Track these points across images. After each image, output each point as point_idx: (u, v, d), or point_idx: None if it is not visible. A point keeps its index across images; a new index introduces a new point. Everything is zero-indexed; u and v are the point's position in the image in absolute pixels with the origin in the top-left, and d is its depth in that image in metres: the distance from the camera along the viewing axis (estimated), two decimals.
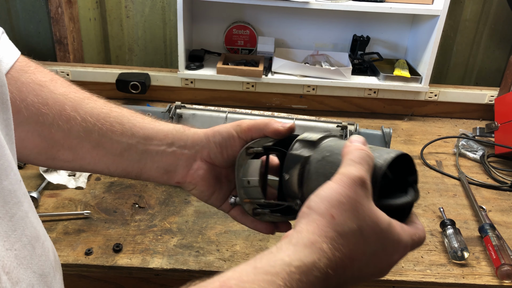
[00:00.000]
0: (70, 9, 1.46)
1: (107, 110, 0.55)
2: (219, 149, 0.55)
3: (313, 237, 0.37)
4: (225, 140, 0.54)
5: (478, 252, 0.85)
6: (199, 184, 0.57)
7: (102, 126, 0.53)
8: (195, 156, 0.56)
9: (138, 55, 1.64)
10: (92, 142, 0.53)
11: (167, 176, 0.57)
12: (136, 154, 0.55)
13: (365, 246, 0.38)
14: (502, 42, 1.59)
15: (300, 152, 0.50)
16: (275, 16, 1.48)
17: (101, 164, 0.55)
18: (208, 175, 0.56)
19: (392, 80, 1.39)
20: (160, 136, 0.55)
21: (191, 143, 0.56)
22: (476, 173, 1.13)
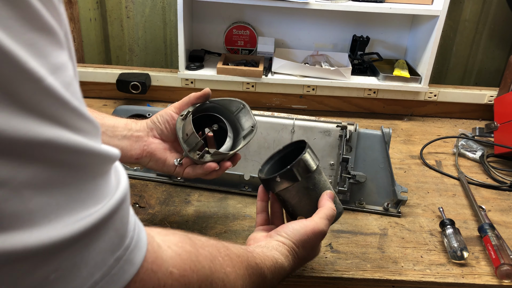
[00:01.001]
0: (70, 9, 1.46)
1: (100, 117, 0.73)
2: (162, 126, 0.76)
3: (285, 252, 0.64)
4: (165, 118, 0.76)
5: (477, 251, 0.85)
6: (152, 155, 0.75)
7: None
8: (147, 135, 0.76)
9: (139, 55, 1.64)
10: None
11: (128, 155, 0.74)
12: (106, 140, 0.71)
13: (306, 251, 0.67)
14: (501, 42, 1.60)
15: (297, 173, 0.68)
16: (275, 16, 1.48)
17: None
18: (158, 146, 0.76)
19: (392, 80, 1.39)
20: (122, 125, 0.74)
21: (143, 127, 0.76)
22: (475, 173, 1.14)
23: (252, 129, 0.78)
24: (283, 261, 0.62)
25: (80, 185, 0.32)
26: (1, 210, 0.27)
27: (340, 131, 0.97)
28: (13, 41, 0.27)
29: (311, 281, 0.78)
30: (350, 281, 0.78)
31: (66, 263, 0.31)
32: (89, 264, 0.32)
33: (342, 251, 0.83)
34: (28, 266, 0.29)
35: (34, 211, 0.29)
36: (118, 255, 0.35)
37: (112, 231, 0.34)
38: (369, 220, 0.93)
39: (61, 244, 0.30)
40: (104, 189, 0.34)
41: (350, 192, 0.96)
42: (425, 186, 1.06)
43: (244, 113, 0.79)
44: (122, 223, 0.36)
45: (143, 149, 0.75)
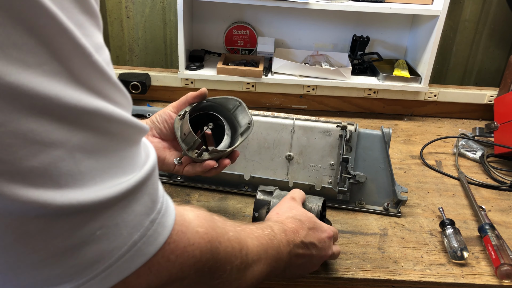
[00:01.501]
0: None
1: None
2: (161, 125, 0.78)
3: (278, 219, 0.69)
4: (163, 117, 0.78)
5: (477, 252, 0.85)
6: None
7: None
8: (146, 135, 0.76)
9: (139, 55, 1.64)
10: None
11: None
12: None
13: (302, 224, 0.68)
14: (501, 42, 1.60)
15: (264, 198, 0.80)
16: (275, 16, 1.48)
17: None
18: (157, 145, 0.78)
19: (392, 80, 1.39)
20: None
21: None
22: (475, 173, 1.14)
23: (249, 125, 0.79)
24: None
25: (120, 153, 0.36)
26: (58, 169, 0.31)
27: (340, 131, 0.97)
28: (68, 20, 0.30)
29: (311, 281, 0.78)
30: (350, 281, 0.78)
31: (109, 222, 0.35)
32: (128, 225, 0.36)
33: (342, 251, 0.83)
34: (79, 220, 0.33)
35: (84, 172, 0.33)
36: (152, 217, 0.39)
37: (146, 195, 0.38)
38: (369, 220, 0.93)
39: (106, 203, 0.34)
40: (137, 158, 0.38)
41: (350, 192, 0.96)
42: (425, 186, 1.06)
43: (240, 110, 0.80)
44: (154, 189, 0.40)
45: None
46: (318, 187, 0.94)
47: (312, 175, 0.97)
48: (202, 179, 0.99)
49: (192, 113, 0.78)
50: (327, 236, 0.71)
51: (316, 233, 0.69)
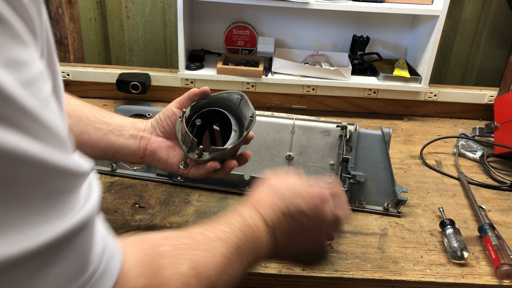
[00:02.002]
0: (70, 9, 1.46)
1: (88, 107, 0.74)
2: (164, 123, 0.75)
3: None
4: (166, 115, 0.75)
5: (477, 252, 0.85)
6: (155, 153, 0.74)
7: (88, 116, 0.71)
8: (150, 134, 0.75)
9: (139, 55, 1.64)
10: (80, 129, 0.70)
11: (133, 153, 0.74)
12: (114, 136, 0.72)
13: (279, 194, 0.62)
14: (501, 42, 1.60)
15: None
16: (275, 16, 1.48)
17: (85, 147, 0.70)
18: (161, 145, 0.75)
19: (392, 80, 1.39)
20: (129, 125, 0.75)
21: (148, 126, 0.76)
22: (475, 173, 1.14)
23: (251, 119, 0.73)
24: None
25: (29, 203, 0.28)
26: None
27: (340, 131, 0.97)
28: None
29: (311, 281, 0.78)
30: (350, 281, 0.78)
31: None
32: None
33: (342, 251, 0.83)
34: None
35: None
36: (80, 283, 0.31)
37: (71, 256, 0.31)
38: (369, 220, 0.93)
39: (4, 265, 0.26)
40: (64, 207, 0.30)
41: (350, 192, 0.96)
42: (425, 186, 1.06)
43: (244, 104, 0.76)
44: (85, 248, 0.32)
45: (146, 148, 0.74)
46: None
47: (312, 175, 0.97)
48: (202, 179, 0.99)
49: (195, 111, 0.76)
50: (319, 200, 0.61)
51: (302, 200, 0.60)
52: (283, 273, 0.77)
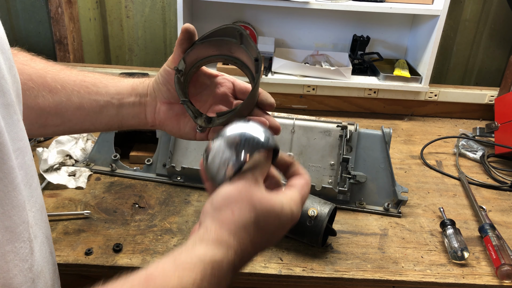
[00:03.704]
0: (70, 9, 1.46)
1: (81, 77, 0.64)
2: (165, 88, 0.61)
3: (220, 234, 0.43)
4: (164, 78, 0.61)
5: (478, 252, 0.85)
6: (165, 123, 0.63)
7: (80, 90, 0.62)
8: (155, 100, 0.63)
9: (138, 55, 1.64)
10: (74, 105, 0.62)
11: (142, 122, 0.64)
12: (113, 109, 0.63)
13: (264, 232, 0.45)
14: (502, 42, 1.60)
15: None
16: (275, 16, 1.48)
17: (86, 122, 0.63)
18: (168, 114, 0.62)
19: (392, 80, 1.39)
20: (129, 90, 0.63)
21: (150, 90, 0.63)
22: (476, 173, 1.13)
23: (257, 62, 0.54)
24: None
25: None
26: None
27: (340, 131, 0.97)
28: None
29: (311, 281, 0.78)
30: (350, 282, 0.78)
31: None
32: None
33: (342, 251, 0.83)
34: None
35: None
36: None
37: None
38: (370, 220, 0.93)
39: None
40: None
41: (351, 192, 0.96)
42: (426, 186, 1.06)
43: (246, 42, 0.56)
44: None
45: (155, 117, 0.63)
46: (318, 187, 0.94)
47: (312, 175, 0.97)
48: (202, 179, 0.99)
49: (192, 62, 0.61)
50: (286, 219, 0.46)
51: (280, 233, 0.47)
52: (283, 274, 0.77)
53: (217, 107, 0.62)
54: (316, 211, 0.80)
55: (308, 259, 0.80)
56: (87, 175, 1.00)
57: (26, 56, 0.64)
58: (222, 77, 0.63)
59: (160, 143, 1.01)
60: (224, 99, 0.62)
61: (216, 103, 0.63)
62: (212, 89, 0.63)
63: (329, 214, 0.81)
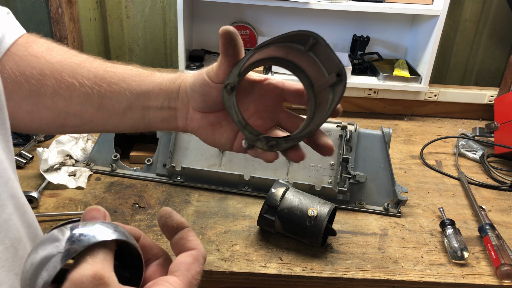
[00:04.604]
0: (70, 9, 1.46)
1: (102, 72, 0.55)
2: (200, 98, 0.52)
3: None
4: (202, 88, 0.51)
5: (478, 252, 0.85)
6: (198, 131, 0.55)
7: (100, 89, 0.54)
8: (187, 106, 0.54)
9: (138, 55, 1.64)
10: (94, 105, 0.54)
11: (172, 126, 0.56)
12: (138, 112, 0.54)
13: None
14: (501, 42, 1.60)
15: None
16: (275, 16, 1.48)
17: (109, 124, 0.56)
18: (202, 123, 0.54)
19: (392, 80, 1.39)
20: (156, 91, 0.54)
21: (182, 94, 0.54)
22: (475, 173, 1.14)
23: (339, 77, 0.47)
24: None
25: None
26: None
27: (340, 131, 0.97)
28: None
29: (311, 281, 0.78)
30: (350, 281, 0.78)
31: None
32: None
33: (342, 251, 0.83)
34: None
35: None
36: None
37: None
38: (369, 220, 0.93)
39: None
40: None
41: (350, 192, 0.96)
42: (425, 186, 1.06)
43: (320, 50, 0.48)
44: None
45: (186, 123, 0.55)
46: (318, 187, 0.94)
47: (312, 175, 0.97)
48: (202, 179, 0.99)
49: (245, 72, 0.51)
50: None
51: None
52: (283, 273, 0.77)
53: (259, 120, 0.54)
54: (316, 211, 0.80)
55: (308, 259, 0.81)
56: (87, 175, 1.00)
57: (42, 45, 0.56)
58: (268, 81, 0.54)
59: (160, 143, 1.01)
60: (269, 109, 0.54)
61: (260, 112, 0.54)
62: (255, 97, 0.54)
63: (329, 214, 0.81)
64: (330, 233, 0.84)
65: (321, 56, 0.48)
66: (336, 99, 0.47)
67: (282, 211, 0.82)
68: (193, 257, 0.40)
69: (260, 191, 0.97)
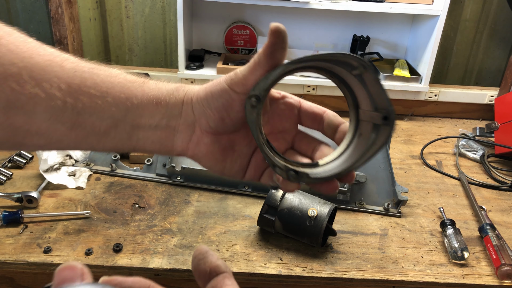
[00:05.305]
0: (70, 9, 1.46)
1: (78, 80, 0.40)
2: (217, 115, 0.41)
3: None
4: (221, 102, 0.41)
5: (478, 252, 0.85)
6: (204, 158, 0.44)
7: (76, 102, 0.40)
8: (193, 125, 0.43)
9: (138, 55, 1.64)
10: (66, 124, 0.40)
11: (165, 150, 0.45)
12: (125, 132, 0.42)
13: None
14: (502, 42, 1.59)
15: None
16: (275, 16, 1.48)
17: (84, 144, 0.42)
18: (212, 147, 0.43)
19: (392, 80, 1.39)
20: (151, 106, 0.42)
21: (187, 111, 0.43)
22: (476, 173, 1.13)
23: (386, 118, 0.38)
24: None
25: None
26: None
27: None
28: None
29: (311, 281, 0.78)
30: (350, 282, 0.78)
31: None
32: None
33: (342, 251, 0.83)
34: None
35: None
36: None
37: None
38: (370, 220, 0.92)
39: None
40: None
41: (351, 192, 0.95)
42: (426, 186, 1.06)
43: (367, 80, 0.40)
44: None
45: (188, 148, 0.44)
46: None
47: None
48: (202, 179, 0.99)
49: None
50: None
51: None
52: (283, 274, 0.77)
53: (274, 142, 0.46)
54: (316, 211, 0.80)
55: (308, 259, 0.80)
56: (87, 175, 1.00)
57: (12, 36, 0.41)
58: (285, 100, 0.46)
59: None
60: (285, 130, 0.47)
61: (275, 133, 0.46)
62: (271, 115, 0.45)
63: (329, 214, 0.81)
64: (330, 233, 0.84)
65: (370, 87, 0.40)
66: (379, 144, 0.40)
67: (282, 211, 0.82)
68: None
69: (260, 191, 0.97)
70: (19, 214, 0.84)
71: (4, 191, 0.92)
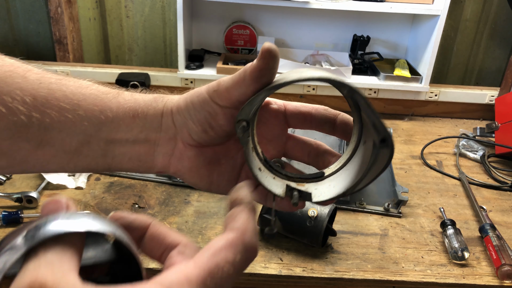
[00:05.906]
0: (69, 9, 1.46)
1: (45, 92, 0.36)
2: (200, 128, 0.39)
3: None
4: (203, 114, 0.38)
5: (478, 252, 0.85)
6: (187, 174, 0.42)
7: (43, 117, 0.36)
8: (174, 138, 0.40)
9: (138, 55, 1.64)
10: (32, 141, 0.36)
11: (144, 166, 0.41)
12: (99, 149, 0.39)
13: None
14: (502, 42, 1.59)
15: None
16: (275, 16, 1.47)
17: (52, 165, 0.39)
18: (196, 162, 0.41)
19: (393, 80, 1.38)
20: (128, 119, 0.39)
21: (167, 123, 0.40)
22: (476, 173, 1.13)
23: (383, 143, 0.36)
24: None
25: None
26: None
27: None
28: None
29: (311, 282, 0.78)
30: (350, 282, 0.78)
31: None
32: None
33: (342, 251, 0.83)
34: None
35: None
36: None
37: None
38: (370, 220, 0.92)
39: None
40: None
41: None
42: (426, 186, 1.06)
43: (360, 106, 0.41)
44: None
45: (170, 163, 0.41)
46: None
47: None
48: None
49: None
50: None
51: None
52: (283, 274, 0.77)
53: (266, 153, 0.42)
54: (316, 211, 0.80)
55: (308, 259, 0.80)
56: (87, 175, 0.99)
57: None
58: (268, 107, 0.44)
59: None
60: (275, 138, 0.44)
61: (264, 143, 0.43)
62: (256, 126, 0.42)
63: (329, 214, 0.80)
64: (330, 234, 0.84)
65: (364, 110, 0.39)
66: (381, 167, 0.38)
67: (282, 211, 0.81)
68: (227, 241, 0.29)
69: None
70: (19, 214, 0.84)
71: (4, 191, 0.92)
